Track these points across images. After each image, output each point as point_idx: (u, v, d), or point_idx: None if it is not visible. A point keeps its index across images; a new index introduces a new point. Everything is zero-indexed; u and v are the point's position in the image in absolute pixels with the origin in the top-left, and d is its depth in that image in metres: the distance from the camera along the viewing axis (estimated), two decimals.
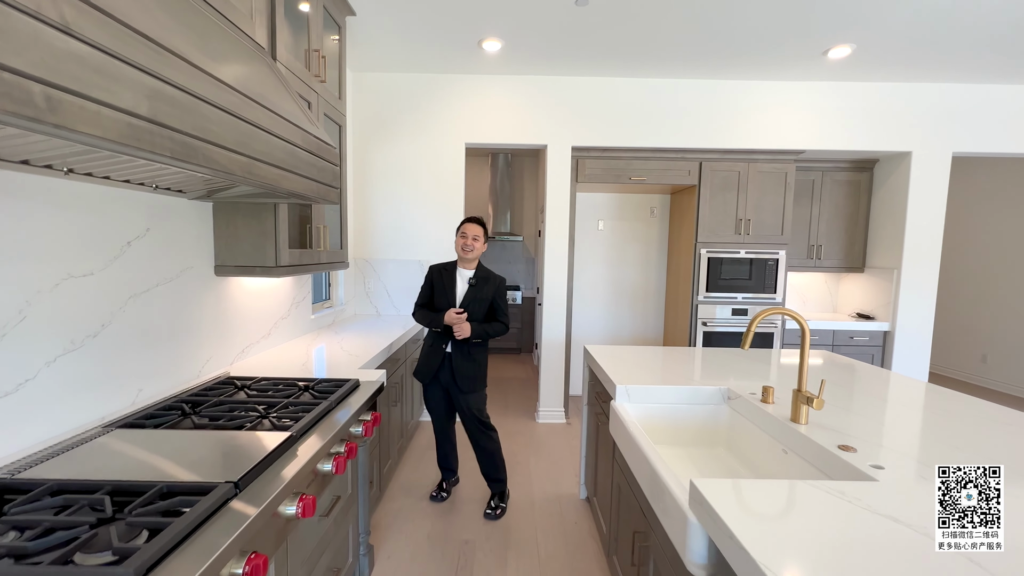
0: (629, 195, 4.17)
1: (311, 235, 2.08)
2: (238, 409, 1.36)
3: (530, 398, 4.13)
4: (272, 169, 1.21)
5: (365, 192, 3.42)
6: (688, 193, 3.70)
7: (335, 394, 1.49)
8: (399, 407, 2.72)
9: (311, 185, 1.46)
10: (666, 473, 1.14)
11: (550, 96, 3.37)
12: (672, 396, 1.71)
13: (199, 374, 1.71)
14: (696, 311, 3.55)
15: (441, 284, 2.30)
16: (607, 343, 4.27)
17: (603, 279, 4.23)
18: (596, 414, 2.11)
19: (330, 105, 2.24)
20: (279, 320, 2.33)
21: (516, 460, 2.93)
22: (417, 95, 3.35)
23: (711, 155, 3.47)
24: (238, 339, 1.98)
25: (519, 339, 5.86)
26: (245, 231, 1.78)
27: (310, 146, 1.45)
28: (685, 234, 3.74)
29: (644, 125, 3.39)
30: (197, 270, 1.70)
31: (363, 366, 1.99)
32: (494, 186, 5.88)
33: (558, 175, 3.44)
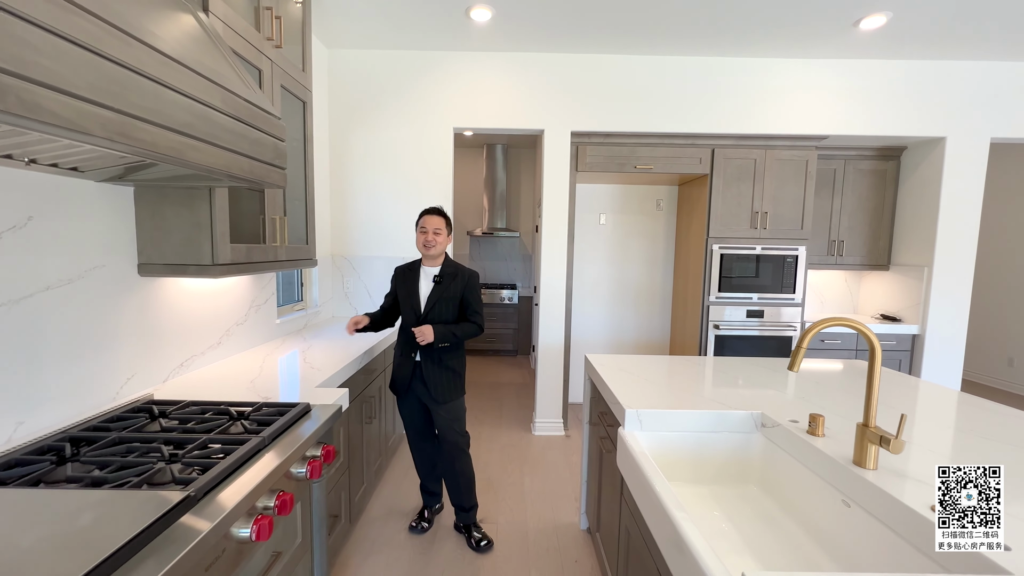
0: (633, 186, 3.86)
1: (264, 228, 1.77)
2: (139, 451, 1.05)
3: (526, 406, 3.83)
4: (165, 133, 0.89)
5: (344, 183, 3.10)
6: (699, 184, 3.39)
7: (271, 426, 1.18)
8: (376, 423, 2.41)
9: (240, 161, 1.15)
10: (694, 538, 0.83)
11: (547, 76, 3.05)
12: (693, 422, 1.41)
13: (115, 397, 1.40)
14: (707, 313, 3.24)
15: (404, 286, 2.05)
16: (609, 347, 3.96)
17: (605, 278, 3.92)
18: (600, 438, 1.81)
19: (290, 77, 1.92)
20: (233, 327, 2.01)
21: (509, 479, 2.63)
22: (400, 75, 3.03)
23: (725, 141, 3.15)
24: (175, 352, 1.66)
25: (515, 340, 5.55)
26: (175, 222, 1.47)
27: (239, 112, 1.14)
28: (695, 229, 3.43)
29: (651, 108, 3.07)
30: (111, 270, 1.39)
31: (324, 383, 1.68)
32: (489, 179, 5.56)
33: (556, 163, 3.13)
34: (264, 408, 1.35)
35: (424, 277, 2.04)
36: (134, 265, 1.47)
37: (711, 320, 3.24)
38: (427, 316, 1.98)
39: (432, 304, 1.98)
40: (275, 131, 1.31)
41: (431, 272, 2.04)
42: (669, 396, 1.54)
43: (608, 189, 3.86)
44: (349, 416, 1.98)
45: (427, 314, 1.98)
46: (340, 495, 1.88)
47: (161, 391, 1.52)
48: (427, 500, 2.25)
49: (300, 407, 1.34)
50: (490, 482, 2.60)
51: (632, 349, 3.96)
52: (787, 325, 3.23)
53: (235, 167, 1.13)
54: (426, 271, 2.06)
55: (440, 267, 2.05)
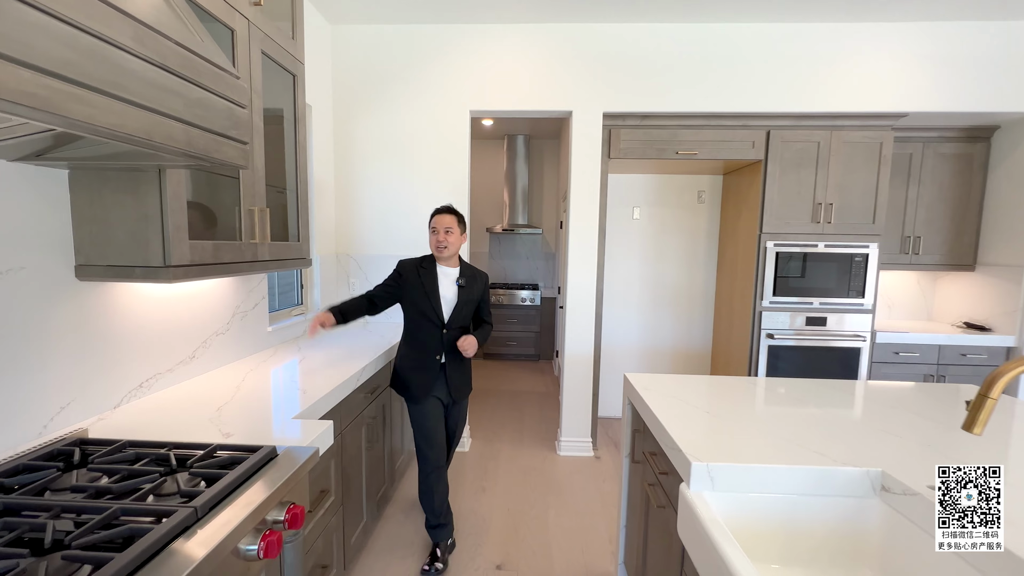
0: (672, 176, 3.45)
1: (240, 221, 1.47)
2: (20, 527, 0.75)
3: (550, 419, 3.48)
4: (15, 71, 0.59)
5: (349, 174, 2.81)
6: (749, 172, 2.96)
7: (209, 491, 0.87)
8: (381, 444, 2.11)
9: (168, 127, 0.84)
10: None
11: (576, 50, 2.68)
12: (784, 481, 1.04)
13: (41, 432, 1.12)
14: (759, 320, 2.83)
15: (419, 283, 1.92)
16: (643, 355, 3.57)
17: (638, 278, 3.53)
18: (647, 484, 1.45)
19: (273, 43, 1.62)
20: (212, 337, 1.73)
21: (531, 511, 2.29)
22: (410, 52, 2.71)
23: (782, 121, 2.73)
24: (131, 370, 1.38)
25: (537, 345, 5.20)
26: (117, 214, 1.18)
27: (167, 59, 0.83)
28: (744, 223, 3.01)
29: (695, 84, 2.67)
30: (33, 272, 1.10)
31: (307, 410, 1.37)
32: (510, 173, 5.22)
33: (586, 150, 2.76)
34: (218, 452, 1.05)
35: (444, 278, 1.95)
36: (70, 266, 1.19)
37: (763, 328, 2.82)
38: (451, 323, 1.92)
39: (459, 309, 1.93)
40: (230, 93, 1.00)
41: (451, 273, 1.96)
42: (745, 440, 1.17)
43: (643, 180, 3.46)
44: (344, 444, 1.68)
45: (451, 321, 1.92)
46: (332, 539, 1.58)
47: (106, 422, 1.24)
48: (439, 535, 1.94)
49: (262, 453, 1.02)
50: (510, 514, 2.27)
51: (669, 358, 3.56)
52: (854, 335, 2.79)
53: (159, 133, 0.82)
54: (446, 272, 1.96)
55: (459, 269, 1.98)
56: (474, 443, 3.07)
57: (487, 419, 3.49)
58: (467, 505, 2.33)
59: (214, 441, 1.11)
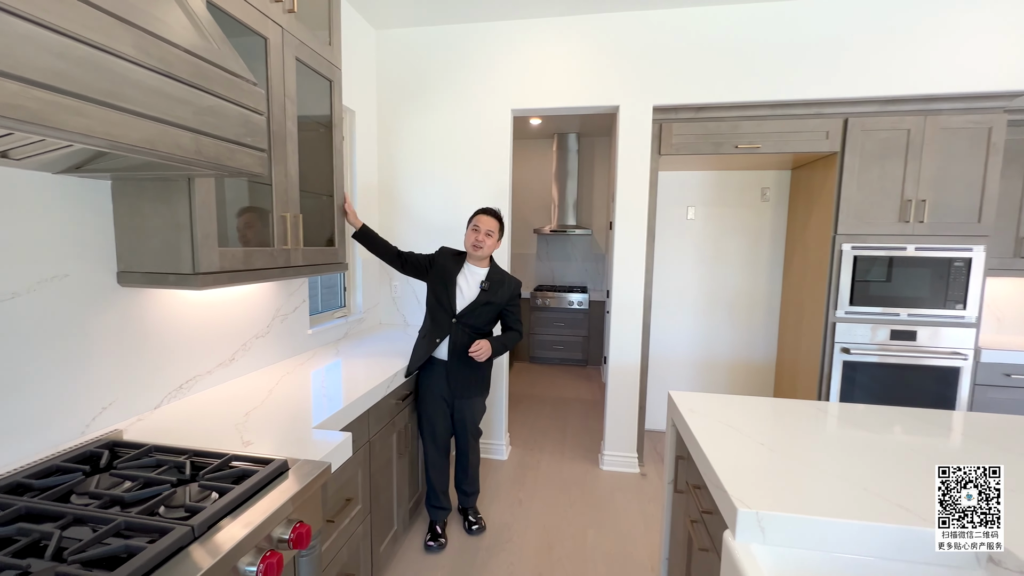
0: (731, 172, 3.18)
1: (273, 227, 1.49)
2: (31, 534, 0.77)
3: (594, 430, 3.33)
4: (27, 91, 0.58)
5: (393, 177, 2.83)
6: (822, 166, 2.65)
7: (217, 504, 0.85)
8: (415, 450, 2.08)
9: (176, 136, 0.83)
10: None
11: (622, 40, 2.52)
12: (855, 540, 0.86)
13: (84, 431, 1.18)
14: (832, 332, 2.51)
15: (442, 275, 1.97)
16: (696, 366, 3.32)
17: (693, 282, 3.28)
18: (690, 520, 1.29)
19: (309, 49, 1.62)
20: (252, 339, 1.78)
21: (569, 530, 2.17)
22: (451, 53, 2.68)
23: (864, 107, 2.40)
24: (173, 372, 1.44)
25: (584, 349, 5.03)
26: (154, 222, 1.21)
27: (172, 67, 0.82)
28: (815, 223, 2.70)
29: (758, 70, 2.42)
30: (78, 279, 1.16)
31: (328, 420, 1.35)
32: (560, 172, 5.09)
33: (634, 146, 2.59)
34: (233, 462, 1.04)
35: (468, 276, 1.98)
36: (112, 273, 1.24)
37: (838, 341, 2.50)
38: (462, 317, 1.94)
39: (473, 308, 1.94)
40: (245, 99, 0.99)
41: (477, 273, 1.98)
42: (809, 484, 0.99)
43: (698, 177, 3.21)
44: (373, 452, 1.66)
45: (463, 316, 1.94)
46: (358, 548, 1.56)
47: (144, 422, 1.29)
48: (437, 515, 2.09)
49: (272, 467, 1.00)
50: (545, 531, 2.16)
51: (726, 371, 3.29)
52: (952, 352, 2.40)
53: (164, 143, 0.81)
54: (472, 270, 1.99)
55: (488, 271, 1.99)
56: (513, 451, 2.99)
57: (528, 426, 3.39)
58: (501, 517, 2.25)
59: (233, 449, 1.11)
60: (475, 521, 2.16)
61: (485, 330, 2.01)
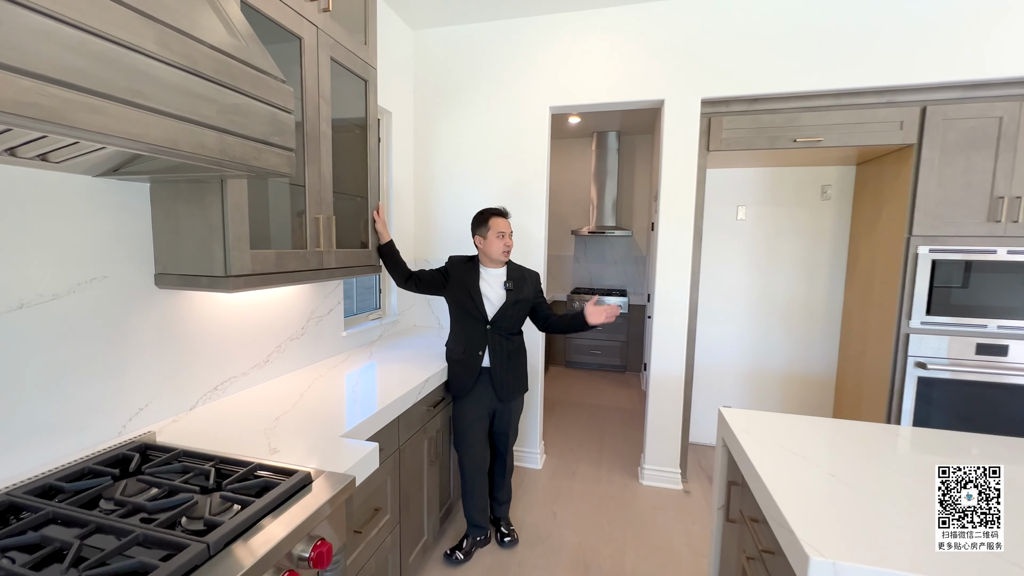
0: (787, 169, 2.95)
1: (306, 229, 1.47)
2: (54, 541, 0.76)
3: (634, 440, 3.18)
4: (41, 88, 0.56)
5: (429, 179, 2.80)
6: (894, 160, 2.40)
7: (235, 519, 0.81)
8: (448, 457, 2.03)
9: (199, 135, 0.80)
10: None
11: (667, 28, 2.37)
12: None
13: (120, 432, 1.19)
14: (905, 344, 2.26)
15: (462, 284, 1.91)
16: (747, 377, 3.10)
17: (744, 287, 3.07)
18: (746, 556, 1.16)
19: (344, 49, 1.60)
20: (287, 341, 1.78)
21: (605, 551, 2.05)
22: (488, 51, 2.62)
23: (945, 94, 2.15)
24: (208, 374, 1.44)
25: (624, 355, 4.86)
26: (188, 224, 1.21)
27: (196, 63, 0.79)
28: (885, 224, 2.44)
29: (821, 55, 2.21)
30: (116, 281, 1.17)
31: (355, 428, 1.31)
32: (599, 171, 4.94)
33: (680, 143, 2.44)
34: (258, 472, 1.01)
35: (489, 279, 1.92)
36: (150, 275, 1.25)
37: (912, 355, 2.25)
38: (495, 323, 1.89)
39: (504, 311, 1.89)
40: (273, 97, 0.96)
41: (496, 275, 1.93)
42: (889, 527, 0.84)
43: (750, 174, 3.00)
44: (403, 460, 1.61)
45: (495, 321, 1.89)
46: (386, 559, 1.52)
47: (179, 424, 1.29)
48: (475, 532, 2.00)
49: (295, 479, 0.96)
50: (581, 548, 2.05)
51: (779, 383, 3.05)
52: None
53: (186, 142, 0.78)
54: (490, 273, 1.93)
55: (506, 271, 1.95)
56: (548, 460, 2.89)
57: (564, 434, 3.28)
58: (534, 531, 2.17)
59: (259, 457, 1.09)
60: (508, 533, 2.08)
61: (516, 330, 1.97)
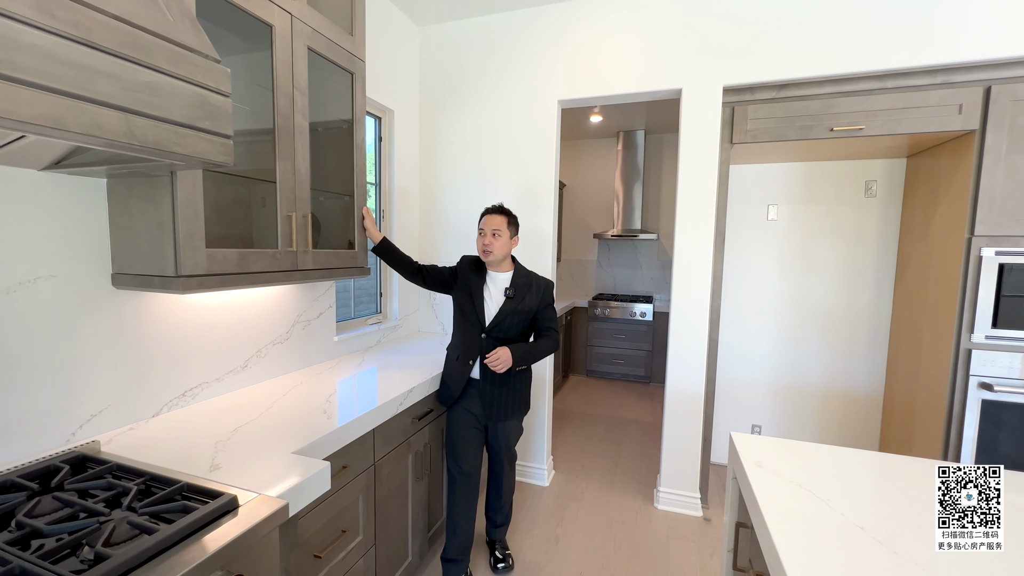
0: (824, 163, 2.67)
1: (280, 228, 1.39)
2: None
3: (651, 458, 2.95)
4: None
5: (433, 178, 2.71)
6: (951, 150, 2.10)
7: (127, 552, 0.71)
8: (438, 472, 1.90)
9: (99, 115, 0.71)
10: None
11: (683, 10, 2.18)
12: None
13: (68, 440, 1.13)
14: (966, 361, 1.96)
15: (466, 288, 1.79)
16: (778, 394, 2.81)
17: (775, 294, 2.79)
18: None
19: (323, 38, 1.52)
20: (269, 345, 1.71)
21: None
22: (493, 45, 2.50)
23: (1012, 70, 1.85)
24: (175, 379, 1.38)
25: (648, 365, 4.60)
26: (141, 221, 1.15)
27: (97, 36, 0.70)
28: (940, 223, 2.14)
29: (860, 32, 1.96)
30: (65, 280, 1.11)
31: (311, 445, 1.20)
32: (625, 172, 4.73)
33: (700, 135, 2.23)
34: (186, 493, 0.91)
35: (492, 285, 1.79)
36: (107, 275, 1.20)
37: (974, 374, 1.94)
38: (492, 330, 1.74)
39: (500, 319, 1.74)
40: (201, 77, 0.86)
41: (500, 280, 1.79)
42: None
43: (781, 170, 2.74)
44: (380, 477, 1.50)
45: (492, 328, 1.74)
46: None
47: (135, 432, 1.22)
48: (453, 569, 1.79)
49: (217, 505, 0.85)
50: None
51: (816, 400, 2.75)
52: None
53: (76, 122, 0.69)
54: (493, 278, 1.80)
55: (511, 276, 1.79)
56: (556, 476, 2.71)
57: (577, 448, 3.09)
58: (533, 556, 2.00)
59: (196, 474, 0.99)
60: (502, 558, 1.92)
61: (519, 342, 1.79)
